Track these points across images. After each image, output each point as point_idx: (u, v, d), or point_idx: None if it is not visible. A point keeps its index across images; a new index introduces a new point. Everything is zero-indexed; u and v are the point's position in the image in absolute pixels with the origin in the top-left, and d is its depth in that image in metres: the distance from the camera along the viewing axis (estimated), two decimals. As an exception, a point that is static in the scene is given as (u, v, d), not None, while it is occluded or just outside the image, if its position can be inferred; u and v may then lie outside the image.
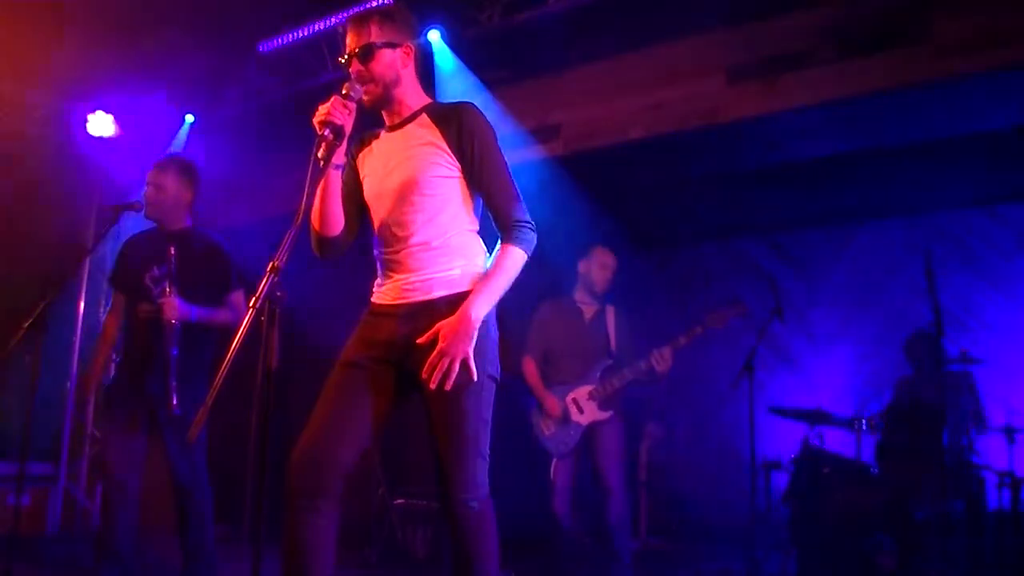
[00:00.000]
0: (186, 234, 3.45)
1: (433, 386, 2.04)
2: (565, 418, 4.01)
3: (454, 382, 2.05)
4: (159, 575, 3.97)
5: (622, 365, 4.05)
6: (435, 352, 2.05)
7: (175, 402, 3.14)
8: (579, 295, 4.26)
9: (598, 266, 4.20)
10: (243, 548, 4.92)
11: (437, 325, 2.09)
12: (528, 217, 2.21)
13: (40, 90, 5.24)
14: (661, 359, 3.89)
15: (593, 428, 4.00)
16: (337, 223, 2.26)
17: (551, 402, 4.03)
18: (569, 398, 4.03)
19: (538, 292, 4.15)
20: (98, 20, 4.59)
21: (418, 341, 2.10)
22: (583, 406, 4.01)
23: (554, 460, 4.04)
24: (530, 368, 4.17)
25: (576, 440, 4.00)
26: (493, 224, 2.24)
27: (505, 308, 2.25)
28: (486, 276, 2.17)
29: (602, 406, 3.99)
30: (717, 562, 4.79)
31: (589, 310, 4.22)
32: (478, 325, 2.09)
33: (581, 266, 4.25)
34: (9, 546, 3.40)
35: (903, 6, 3.92)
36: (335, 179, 2.20)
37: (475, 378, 2.09)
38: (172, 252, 3.27)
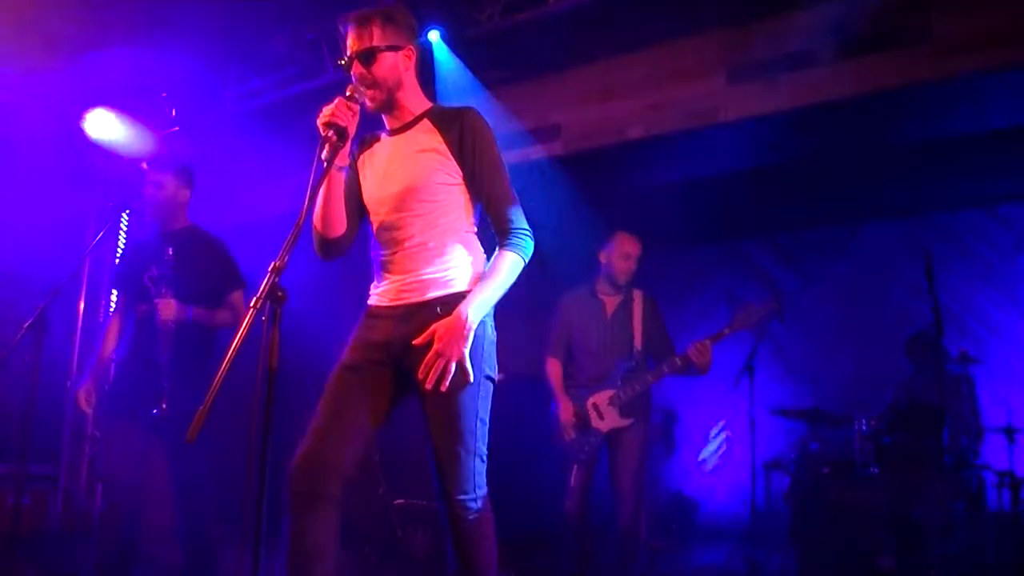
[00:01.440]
0: (186, 233, 3.45)
1: (429, 387, 2.05)
2: (585, 424, 3.84)
3: (450, 383, 2.05)
4: (159, 575, 3.96)
5: (646, 366, 3.87)
6: (431, 353, 2.06)
7: (165, 404, 3.14)
8: (601, 286, 4.03)
9: (619, 256, 3.95)
10: (243, 548, 4.90)
11: (433, 326, 2.09)
12: (526, 224, 2.22)
13: (40, 89, 5.23)
14: (701, 351, 3.68)
15: (614, 435, 3.83)
16: (339, 224, 2.27)
17: (565, 408, 3.87)
18: (589, 403, 3.85)
19: (538, 292, 4.13)
20: (98, 20, 4.59)
21: (414, 343, 2.11)
22: (603, 412, 3.82)
23: (574, 465, 3.89)
24: (553, 368, 3.99)
25: (596, 447, 3.85)
26: (492, 230, 2.24)
27: (504, 309, 2.25)
28: (483, 279, 2.17)
29: (623, 412, 3.80)
30: (717, 562, 4.79)
31: (612, 302, 4.00)
32: (474, 327, 2.09)
33: (602, 256, 4.02)
34: (9, 546, 3.40)
35: (903, 6, 3.92)
36: (338, 181, 2.20)
37: (471, 379, 2.09)
38: (170, 253, 3.27)
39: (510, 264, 2.18)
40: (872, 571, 3.92)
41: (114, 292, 3.62)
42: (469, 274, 2.20)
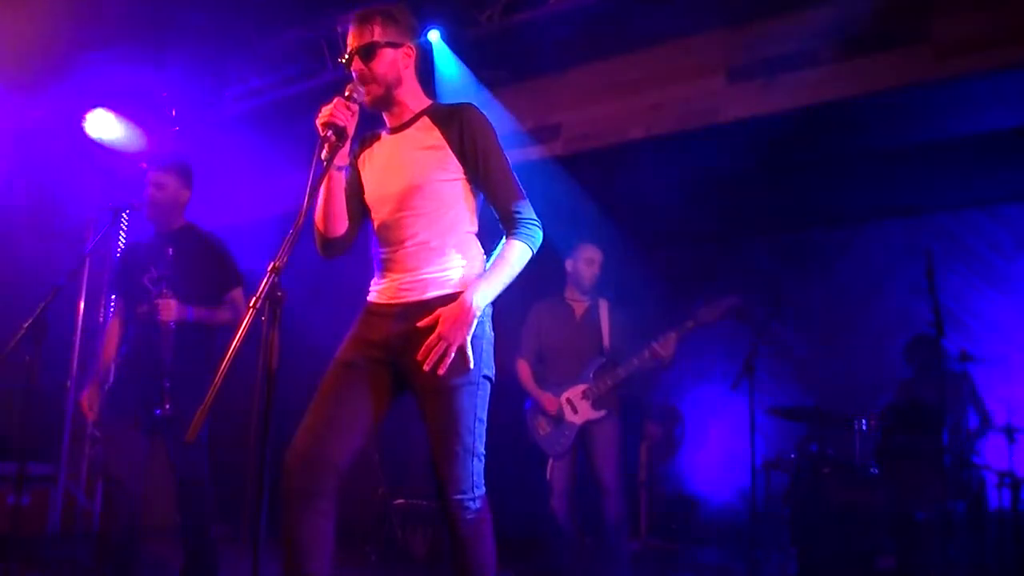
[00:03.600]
0: (185, 233, 3.45)
1: (427, 368, 2.04)
2: (559, 418, 4.02)
3: (450, 375, 2.05)
4: (159, 575, 3.97)
5: (616, 362, 4.06)
6: (433, 335, 2.05)
7: (168, 404, 3.14)
8: (569, 293, 4.27)
9: (584, 262, 4.20)
10: (243, 548, 4.91)
11: (438, 311, 2.09)
12: (533, 215, 2.22)
13: (40, 90, 5.24)
14: (665, 344, 3.90)
15: (588, 427, 4.01)
16: (340, 224, 2.27)
17: (548, 400, 4.04)
18: (563, 398, 4.04)
19: (535, 292, 4.15)
20: (98, 20, 4.59)
21: (418, 324, 2.10)
22: (577, 405, 4.02)
23: (550, 460, 4.05)
24: (523, 369, 4.19)
25: (571, 440, 4.02)
26: (499, 224, 2.24)
27: (500, 307, 2.25)
28: (490, 267, 2.17)
29: (596, 405, 4.00)
30: (717, 562, 4.79)
31: (580, 307, 4.23)
32: (478, 314, 2.09)
33: (568, 264, 4.27)
34: (9, 546, 3.40)
35: (903, 6, 3.92)
36: (338, 180, 2.21)
37: (471, 366, 2.09)
38: (169, 253, 3.27)
39: (518, 253, 2.17)
40: (872, 571, 3.92)
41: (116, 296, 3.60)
42: (469, 273, 2.20)
